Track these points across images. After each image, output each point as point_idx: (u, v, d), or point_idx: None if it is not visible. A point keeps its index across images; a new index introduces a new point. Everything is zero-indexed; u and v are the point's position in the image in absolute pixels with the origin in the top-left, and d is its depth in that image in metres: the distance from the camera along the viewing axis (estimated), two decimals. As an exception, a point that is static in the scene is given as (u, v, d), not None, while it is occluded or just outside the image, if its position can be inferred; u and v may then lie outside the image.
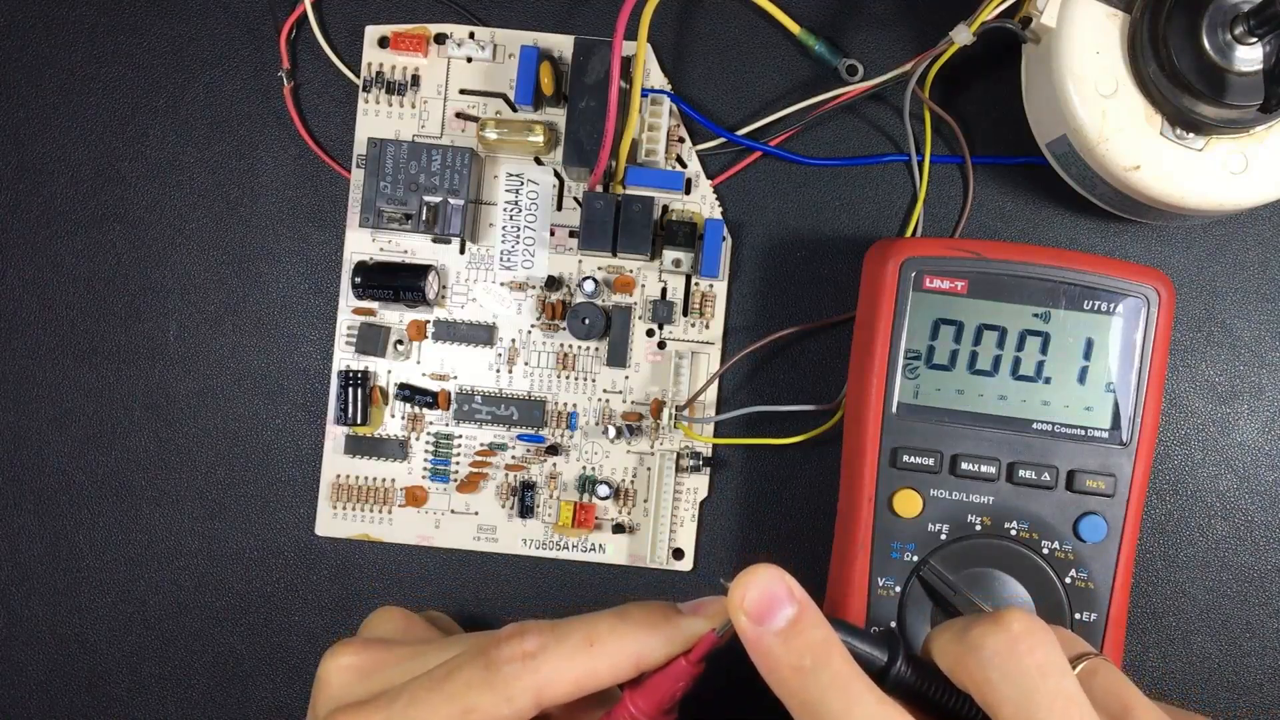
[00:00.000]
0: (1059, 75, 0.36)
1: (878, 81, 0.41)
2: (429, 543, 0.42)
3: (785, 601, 0.27)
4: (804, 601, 0.27)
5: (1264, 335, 0.42)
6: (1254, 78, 0.35)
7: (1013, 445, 0.37)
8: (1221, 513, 0.42)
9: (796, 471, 0.42)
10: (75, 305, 0.43)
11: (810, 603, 0.27)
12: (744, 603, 0.27)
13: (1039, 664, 0.26)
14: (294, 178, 0.43)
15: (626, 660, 0.28)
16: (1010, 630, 0.26)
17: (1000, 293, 0.37)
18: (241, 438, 0.43)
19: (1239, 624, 0.42)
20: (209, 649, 0.43)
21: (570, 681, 0.28)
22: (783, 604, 0.27)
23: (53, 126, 0.43)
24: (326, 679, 0.30)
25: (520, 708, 0.28)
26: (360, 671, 0.30)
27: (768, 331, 0.42)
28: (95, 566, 0.43)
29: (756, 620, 0.27)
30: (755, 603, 0.27)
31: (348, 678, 0.30)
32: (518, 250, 0.42)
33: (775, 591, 0.27)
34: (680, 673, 0.29)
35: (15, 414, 0.43)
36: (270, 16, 0.43)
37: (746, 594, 0.27)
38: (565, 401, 0.42)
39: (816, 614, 0.27)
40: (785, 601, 0.27)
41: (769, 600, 0.27)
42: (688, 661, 0.29)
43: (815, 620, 0.27)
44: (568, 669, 0.28)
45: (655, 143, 0.41)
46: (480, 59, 0.42)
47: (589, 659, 0.28)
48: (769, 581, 0.27)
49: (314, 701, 0.31)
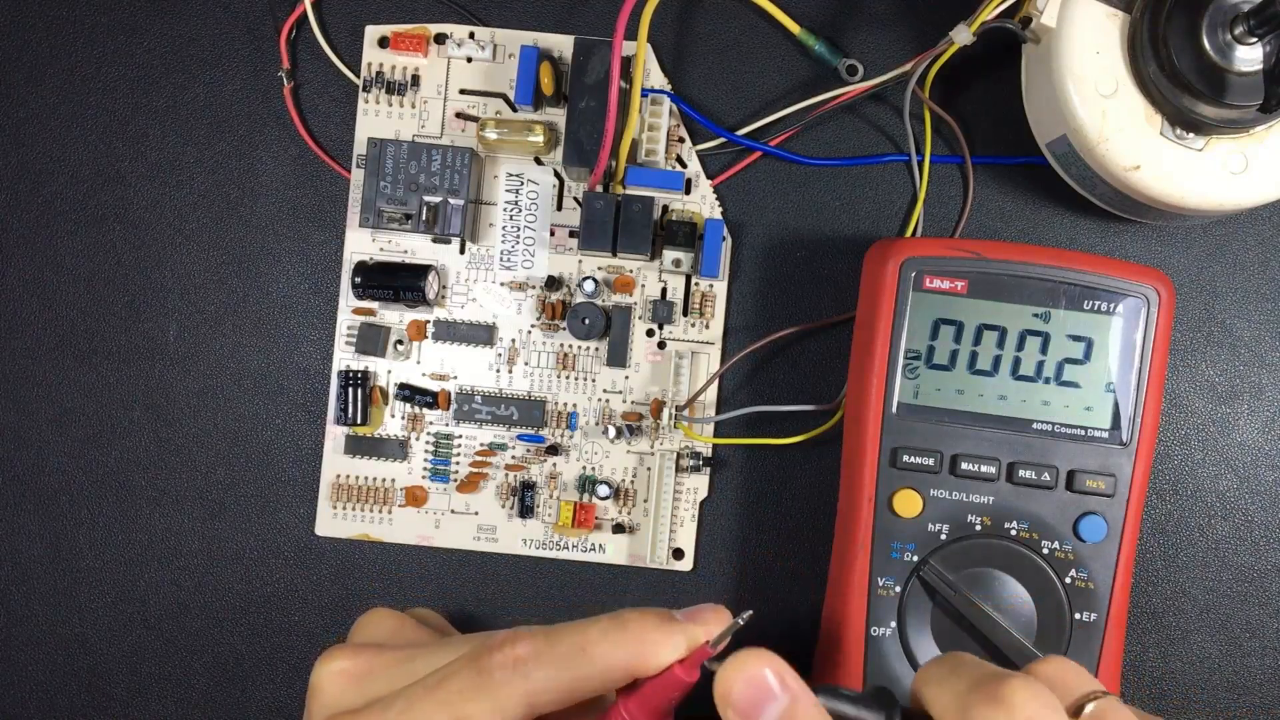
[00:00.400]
0: (1059, 75, 0.36)
1: (878, 81, 0.41)
2: (429, 543, 0.42)
3: (774, 694, 0.25)
4: (795, 691, 0.26)
5: (1264, 335, 0.42)
6: (1254, 78, 0.35)
7: (1013, 445, 0.37)
8: (1221, 513, 0.42)
9: (796, 471, 0.42)
10: (75, 305, 0.43)
11: (803, 691, 0.26)
12: (730, 696, 0.25)
13: None
14: (294, 178, 0.43)
15: (620, 668, 0.28)
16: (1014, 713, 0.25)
17: (1000, 293, 0.37)
18: (241, 438, 0.43)
19: (1239, 624, 0.42)
20: (209, 649, 0.43)
21: (563, 688, 0.28)
22: (773, 696, 0.25)
23: (53, 126, 0.43)
24: (319, 686, 0.30)
25: (512, 715, 0.27)
26: (353, 677, 0.30)
27: (768, 331, 0.42)
28: (95, 566, 0.43)
29: (744, 715, 0.25)
30: (742, 696, 0.25)
31: (341, 684, 0.30)
32: (518, 250, 0.42)
33: (764, 683, 0.25)
34: (675, 681, 0.28)
35: (15, 414, 0.43)
36: (270, 16, 0.43)
37: (733, 688, 0.25)
38: (565, 401, 0.42)
39: (809, 704, 0.26)
40: (774, 694, 0.25)
41: (757, 693, 0.25)
42: (683, 670, 0.28)
43: (808, 713, 0.25)
44: (560, 676, 0.28)
45: (655, 143, 0.41)
46: (480, 59, 0.42)
47: (581, 666, 0.28)
48: (757, 672, 0.26)
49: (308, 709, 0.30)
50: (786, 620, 0.42)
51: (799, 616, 0.42)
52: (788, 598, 0.42)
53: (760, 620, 0.42)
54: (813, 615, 0.40)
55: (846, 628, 0.37)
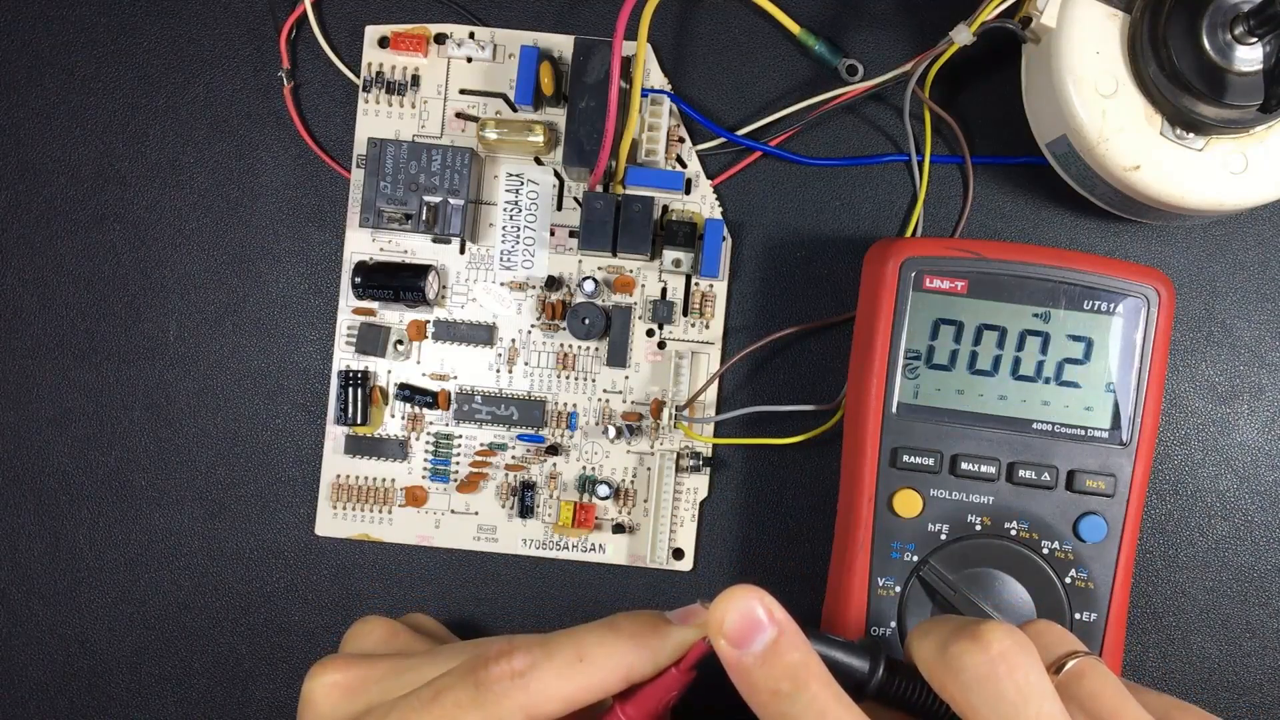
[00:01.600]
0: (1059, 75, 0.36)
1: (878, 81, 0.41)
2: (429, 543, 0.42)
3: (764, 625, 0.27)
4: (783, 623, 0.27)
5: (1264, 335, 0.42)
6: (1254, 78, 0.35)
7: (1013, 445, 0.37)
8: (1221, 513, 0.42)
9: (796, 471, 0.42)
10: (75, 305, 0.43)
11: (790, 624, 0.27)
12: (723, 626, 0.26)
13: (1019, 687, 0.26)
14: (294, 178, 0.43)
15: (617, 673, 0.28)
16: (989, 650, 0.26)
17: (1000, 293, 0.37)
18: (241, 438, 0.43)
19: (1239, 624, 0.42)
20: (209, 649, 0.43)
21: (561, 699, 0.28)
22: (762, 627, 0.26)
23: (53, 126, 0.43)
24: (312, 699, 0.30)
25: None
26: (346, 690, 0.29)
27: (767, 331, 0.42)
28: (95, 566, 0.43)
29: (735, 644, 0.26)
30: (734, 625, 0.26)
31: (334, 697, 0.29)
32: (518, 250, 0.42)
33: (754, 614, 0.27)
34: (671, 682, 0.28)
35: (15, 414, 0.43)
36: (270, 16, 0.43)
37: (725, 617, 0.26)
38: (565, 401, 0.42)
39: (796, 636, 0.27)
40: (764, 625, 0.27)
41: (747, 623, 0.26)
42: (678, 671, 0.28)
43: (794, 643, 0.27)
44: (558, 686, 0.28)
45: (655, 143, 0.41)
46: (480, 59, 0.42)
47: (579, 675, 0.28)
48: (747, 604, 0.27)
49: None
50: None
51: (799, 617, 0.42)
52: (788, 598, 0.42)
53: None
54: (813, 615, 0.40)
55: (846, 628, 0.37)
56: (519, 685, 0.27)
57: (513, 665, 0.28)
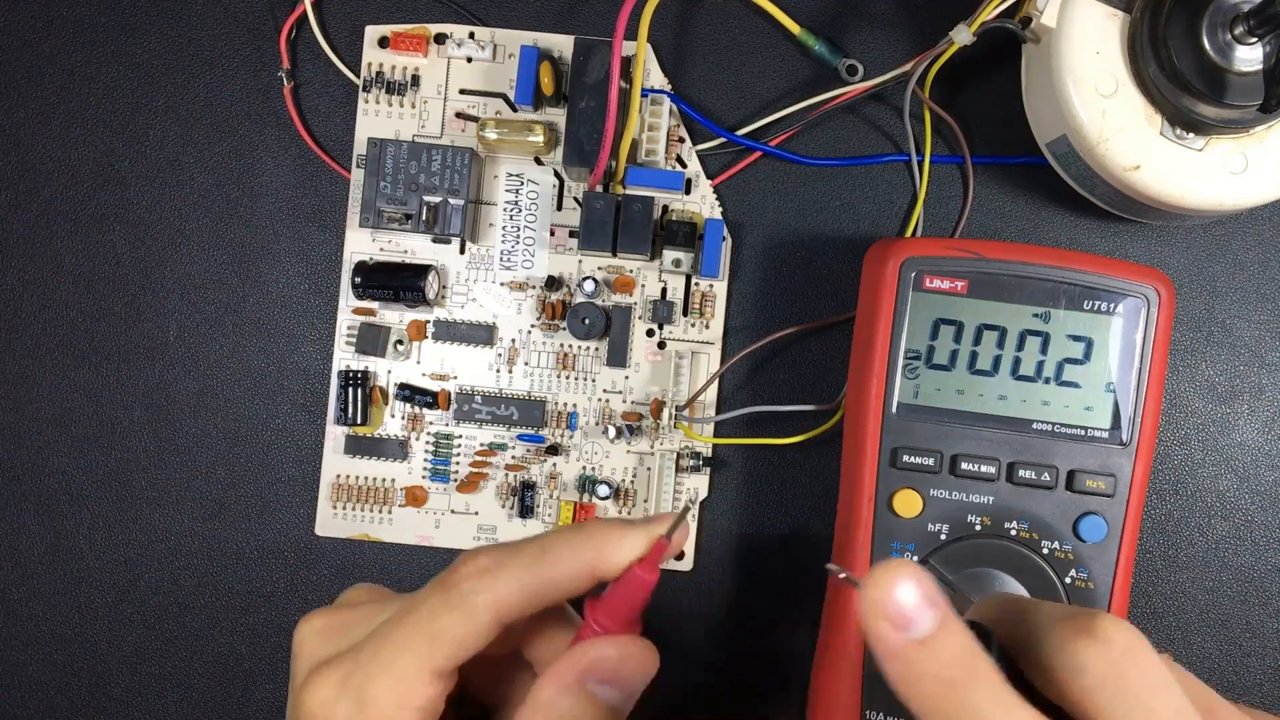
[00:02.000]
0: (1059, 75, 0.36)
1: (878, 81, 0.41)
2: (429, 543, 0.42)
3: (928, 607, 0.24)
4: (946, 607, 0.24)
5: (1264, 335, 0.42)
6: (1254, 78, 0.35)
7: (1013, 445, 0.37)
8: (1221, 513, 0.42)
9: (796, 471, 0.42)
10: (75, 305, 0.43)
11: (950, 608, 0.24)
12: (887, 608, 0.24)
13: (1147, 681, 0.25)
14: (294, 178, 0.43)
15: (581, 568, 0.29)
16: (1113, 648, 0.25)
17: (1000, 293, 0.37)
18: (241, 438, 0.43)
19: (1239, 624, 0.42)
20: (209, 649, 0.43)
21: (527, 593, 0.28)
22: (925, 610, 0.24)
23: (53, 126, 0.43)
24: (300, 644, 0.31)
25: (482, 624, 0.28)
26: (331, 630, 0.30)
27: (767, 331, 0.42)
28: (95, 566, 0.43)
29: (899, 627, 0.24)
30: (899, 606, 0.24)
31: (320, 639, 0.30)
32: (518, 250, 0.42)
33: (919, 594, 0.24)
34: (638, 583, 0.29)
35: (15, 414, 0.43)
36: (270, 16, 0.43)
37: (890, 597, 0.24)
38: (565, 401, 0.42)
39: (958, 621, 0.24)
40: (928, 607, 0.24)
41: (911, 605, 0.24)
42: (643, 570, 0.29)
43: (958, 628, 0.24)
44: (524, 581, 0.28)
45: (655, 143, 0.41)
46: (480, 59, 0.42)
47: (544, 569, 0.28)
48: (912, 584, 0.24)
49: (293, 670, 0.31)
50: (787, 621, 0.42)
51: (799, 617, 0.42)
52: (788, 598, 0.42)
53: (761, 620, 0.42)
54: (813, 616, 0.40)
55: (846, 628, 0.37)
56: (485, 583, 0.28)
57: (478, 564, 0.28)
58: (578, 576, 0.29)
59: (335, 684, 0.28)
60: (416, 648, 0.28)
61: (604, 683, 0.29)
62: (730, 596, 0.42)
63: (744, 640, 0.42)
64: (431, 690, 0.28)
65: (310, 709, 0.28)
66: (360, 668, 0.28)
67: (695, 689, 0.42)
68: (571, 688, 0.28)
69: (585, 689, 0.28)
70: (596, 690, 0.28)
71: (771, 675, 0.42)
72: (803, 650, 0.41)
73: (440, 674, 0.28)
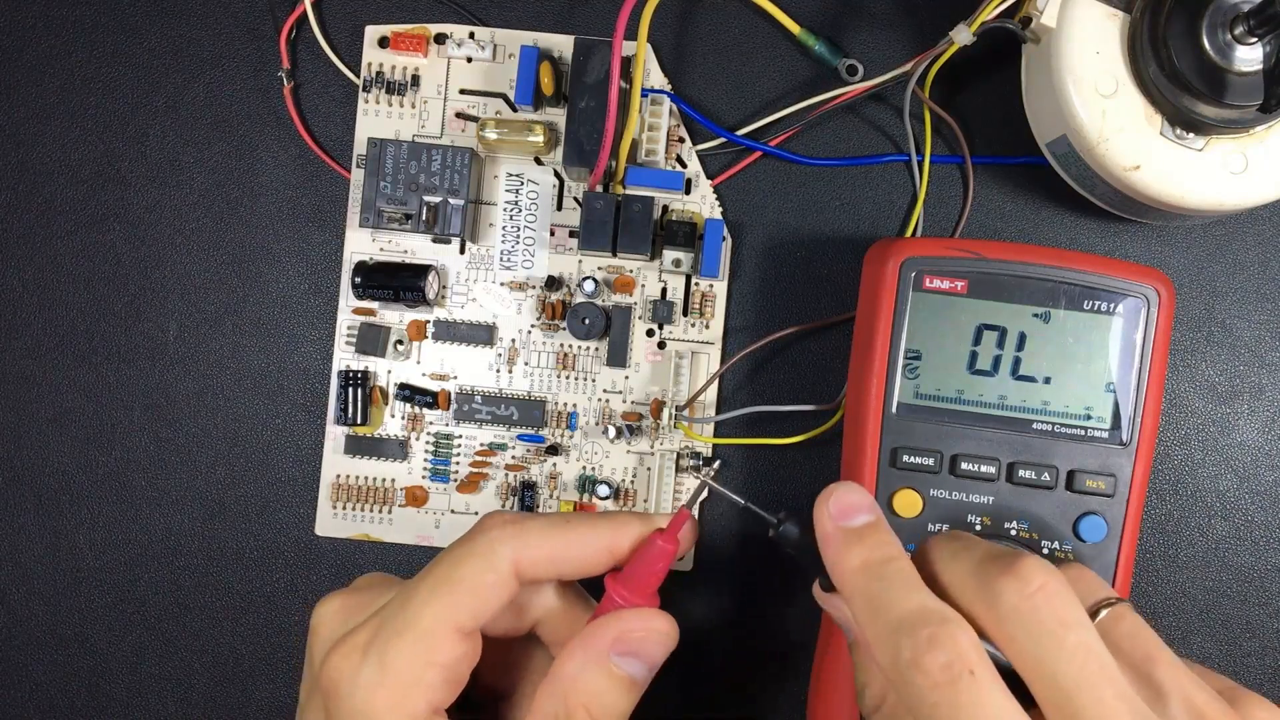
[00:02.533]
0: (1059, 75, 0.36)
1: (878, 81, 0.41)
2: (429, 543, 0.42)
3: (866, 509, 0.30)
4: (881, 515, 0.30)
5: (1264, 335, 0.42)
6: (1254, 78, 0.35)
7: (1013, 445, 0.37)
8: (1221, 513, 0.42)
9: (796, 471, 0.42)
10: (75, 305, 0.43)
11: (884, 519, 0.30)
12: (829, 501, 0.30)
13: (1058, 617, 0.26)
14: (294, 178, 0.43)
15: (600, 544, 0.30)
16: (1029, 584, 0.27)
17: (1000, 293, 0.37)
18: (241, 438, 0.43)
19: (1239, 624, 0.42)
20: (209, 649, 0.43)
21: (546, 551, 0.30)
22: (861, 510, 0.30)
23: (53, 126, 0.43)
24: (317, 624, 0.31)
25: (504, 573, 0.29)
26: (348, 610, 0.31)
27: (767, 331, 0.42)
28: (95, 566, 0.43)
29: (837, 517, 0.30)
30: (839, 502, 0.30)
31: (338, 618, 0.31)
32: (518, 250, 0.42)
33: (858, 500, 0.30)
34: (658, 552, 0.30)
35: (15, 414, 0.43)
36: (270, 16, 0.43)
37: (833, 495, 0.30)
38: (565, 401, 0.42)
39: (888, 528, 0.30)
40: (866, 509, 0.30)
41: (851, 504, 0.30)
42: (663, 539, 0.30)
43: (886, 528, 0.30)
44: (544, 540, 0.30)
45: (655, 143, 0.41)
46: (480, 59, 0.42)
47: (564, 535, 0.30)
48: (854, 492, 0.30)
49: (309, 652, 0.31)
50: (787, 621, 0.42)
51: (799, 617, 0.42)
52: (788, 598, 0.42)
53: (761, 620, 0.42)
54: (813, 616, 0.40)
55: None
56: (509, 533, 0.30)
57: (502, 518, 0.30)
58: (597, 551, 0.30)
59: (358, 651, 0.29)
60: (440, 599, 0.29)
61: (626, 655, 0.29)
62: (730, 596, 0.42)
63: (744, 640, 0.42)
64: (454, 649, 0.29)
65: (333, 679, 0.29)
66: (383, 631, 0.29)
67: (695, 689, 0.42)
68: (597, 661, 0.29)
69: (608, 663, 0.29)
70: (619, 663, 0.29)
71: (771, 675, 0.42)
72: (803, 650, 0.41)
73: (463, 631, 0.29)
